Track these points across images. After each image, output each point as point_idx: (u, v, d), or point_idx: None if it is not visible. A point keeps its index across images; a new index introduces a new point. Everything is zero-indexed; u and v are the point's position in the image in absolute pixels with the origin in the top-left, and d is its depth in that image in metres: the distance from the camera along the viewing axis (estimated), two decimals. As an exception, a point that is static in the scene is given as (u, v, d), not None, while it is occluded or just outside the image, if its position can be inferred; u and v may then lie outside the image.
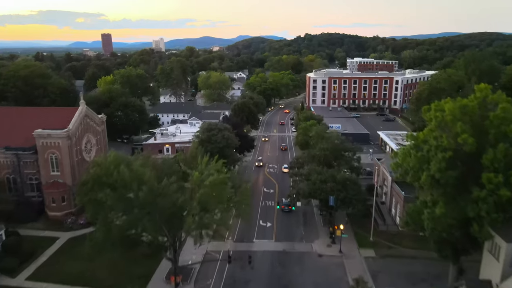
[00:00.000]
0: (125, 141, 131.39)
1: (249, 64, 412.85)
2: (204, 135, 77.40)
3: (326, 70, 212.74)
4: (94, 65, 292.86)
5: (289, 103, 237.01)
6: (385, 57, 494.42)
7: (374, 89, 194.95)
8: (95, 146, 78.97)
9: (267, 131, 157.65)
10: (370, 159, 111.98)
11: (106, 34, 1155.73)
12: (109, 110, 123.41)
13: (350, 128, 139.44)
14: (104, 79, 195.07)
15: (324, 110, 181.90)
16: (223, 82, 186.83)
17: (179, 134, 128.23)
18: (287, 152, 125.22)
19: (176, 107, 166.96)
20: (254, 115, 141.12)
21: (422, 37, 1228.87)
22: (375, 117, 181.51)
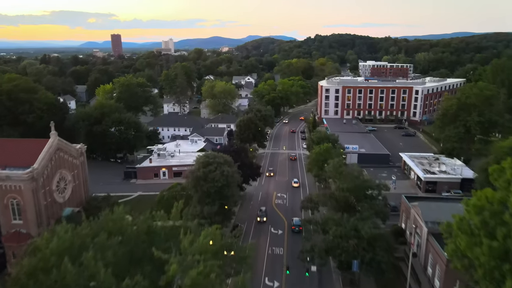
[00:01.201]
0: (119, 161, 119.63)
1: (258, 67, 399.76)
2: (200, 171, 64.76)
3: (339, 78, 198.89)
4: (97, 70, 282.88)
5: (299, 112, 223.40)
6: (399, 60, 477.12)
7: (392, 99, 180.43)
8: (72, 183, 66.84)
9: (275, 147, 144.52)
10: (393, 187, 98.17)
11: (115, 34, 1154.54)
12: (101, 127, 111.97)
13: (368, 147, 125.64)
14: (103, 87, 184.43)
15: (337, 122, 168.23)
16: (229, 92, 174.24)
17: (178, 155, 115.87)
18: (296, 166, 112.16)
19: (177, 120, 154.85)
20: (261, 132, 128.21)
21: (435, 37, 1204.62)
22: (393, 131, 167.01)
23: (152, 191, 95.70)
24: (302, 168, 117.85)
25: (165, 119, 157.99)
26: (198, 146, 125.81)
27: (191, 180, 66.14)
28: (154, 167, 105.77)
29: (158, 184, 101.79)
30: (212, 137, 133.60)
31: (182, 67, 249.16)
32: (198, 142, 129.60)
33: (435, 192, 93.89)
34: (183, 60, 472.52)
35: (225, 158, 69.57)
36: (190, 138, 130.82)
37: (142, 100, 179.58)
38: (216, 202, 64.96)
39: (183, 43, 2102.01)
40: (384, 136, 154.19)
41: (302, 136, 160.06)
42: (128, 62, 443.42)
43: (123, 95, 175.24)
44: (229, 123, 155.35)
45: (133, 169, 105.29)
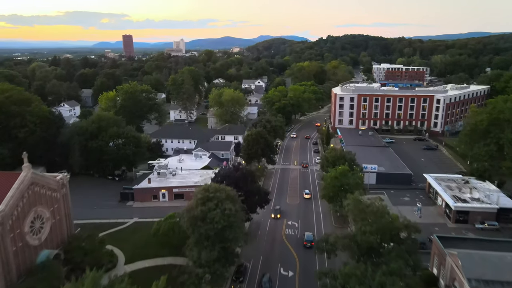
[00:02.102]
0: (116, 179, 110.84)
1: (268, 70, 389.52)
2: (197, 210, 55.26)
3: (354, 85, 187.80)
4: (104, 74, 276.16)
5: (311, 120, 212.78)
6: (414, 62, 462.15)
7: (411, 108, 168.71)
8: (50, 221, 57.89)
9: (286, 161, 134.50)
10: (418, 215, 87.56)
11: (127, 35, 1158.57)
12: (97, 143, 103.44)
13: (387, 165, 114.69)
14: (106, 95, 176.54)
15: (352, 134, 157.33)
16: (237, 100, 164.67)
17: (180, 173, 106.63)
18: (308, 181, 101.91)
19: (181, 131, 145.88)
20: (271, 147, 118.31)
21: (449, 37, 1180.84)
22: (413, 143, 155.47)
23: (149, 217, 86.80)
24: (315, 188, 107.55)
25: (169, 130, 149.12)
26: (202, 162, 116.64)
27: (187, 220, 56.59)
28: (153, 188, 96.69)
29: (157, 208, 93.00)
30: (217, 152, 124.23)
31: (189, 72, 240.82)
32: (203, 157, 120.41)
33: (467, 222, 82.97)
34: (192, 62, 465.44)
35: (228, 192, 59.84)
36: (194, 153, 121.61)
37: (146, 108, 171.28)
38: (216, 246, 55.40)
39: (194, 43, 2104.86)
40: (403, 150, 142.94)
41: (315, 149, 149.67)
42: (137, 64, 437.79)
43: (127, 103, 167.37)
44: (237, 135, 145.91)
45: (130, 190, 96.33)
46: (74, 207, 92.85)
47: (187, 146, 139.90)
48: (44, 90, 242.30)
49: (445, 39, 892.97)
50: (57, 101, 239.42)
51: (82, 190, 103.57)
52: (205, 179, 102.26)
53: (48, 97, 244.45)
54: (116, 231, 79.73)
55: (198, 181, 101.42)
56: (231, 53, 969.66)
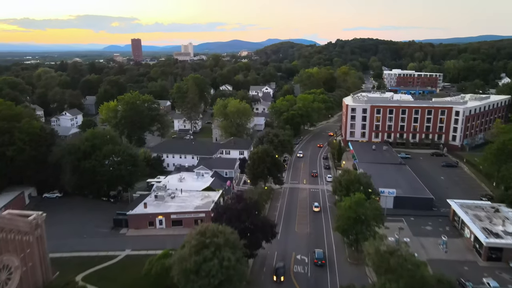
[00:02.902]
0: (111, 200, 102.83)
1: (276, 76, 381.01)
2: (191, 261, 46.80)
3: (366, 94, 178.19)
4: (107, 82, 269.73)
5: (320, 131, 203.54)
6: (426, 68, 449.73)
7: (428, 121, 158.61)
8: (19, 269, 49.72)
9: (295, 180, 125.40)
10: (444, 251, 77.98)
11: (135, 39, 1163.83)
12: (90, 163, 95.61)
13: (405, 186, 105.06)
14: (106, 105, 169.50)
15: (365, 148, 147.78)
16: (243, 112, 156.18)
17: (180, 195, 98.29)
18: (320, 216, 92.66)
19: (183, 146, 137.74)
20: (278, 165, 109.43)
21: (460, 40, 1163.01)
22: (430, 159, 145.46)
23: (144, 249, 78.68)
24: (326, 213, 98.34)
25: (170, 144, 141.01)
26: (204, 181, 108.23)
27: (178, 272, 48.04)
28: (149, 214, 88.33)
29: (152, 238, 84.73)
30: (221, 170, 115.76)
31: (194, 79, 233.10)
32: (205, 176, 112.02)
33: (501, 260, 73.14)
34: (199, 68, 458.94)
35: (227, 236, 51.25)
36: (196, 171, 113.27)
37: (148, 119, 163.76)
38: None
39: (203, 47, 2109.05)
40: (420, 167, 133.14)
41: (325, 164, 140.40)
42: (143, 70, 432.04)
43: (128, 114, 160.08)
44: (242, 149, 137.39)
45: (124, 216, 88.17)
46: (63, 235, 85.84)
47: (189, 162, 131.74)
48: (47, 98, 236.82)
49: (456, 43, 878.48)
50: (59, 109, 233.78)
51: (74, 213, 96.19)
52: (206, 203, 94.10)
53: (51, 105, 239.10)
54: (105, 268, 71.46)
55: (199, 205, 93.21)
56: (239, 57, 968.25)
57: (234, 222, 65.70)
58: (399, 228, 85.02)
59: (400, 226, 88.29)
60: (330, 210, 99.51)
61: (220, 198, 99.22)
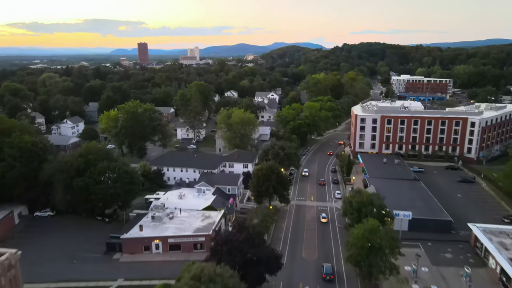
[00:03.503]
0: (106, 220, 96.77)
1: (282, 82, 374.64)
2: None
3: (376, 104, 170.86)
4: (110, 88, 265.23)
5: (328, 140, 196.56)
6: (435, 73, 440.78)
7: (442, 132, 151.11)
8: (-12, 319, 43.57)
9: (301, 196, 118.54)
10: (467, 284, 70.50)
11: (142, 43, 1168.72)
12: (83, 181, 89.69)
13: (420, 206, 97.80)
14: (107, 114, 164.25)
15: (375, 161, 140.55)
16: (248, 122, 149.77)
17: (179, 215, 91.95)
18: (329, 240, 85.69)
19: (185, 159, 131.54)
20: (284, 183, 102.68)
21: (468, 44, 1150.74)
22: (445, 173, 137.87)
23: (138, 278, 72.60)
24: (335, 236, 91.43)
25: (171, 157, 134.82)
26: (205, 199, 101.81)
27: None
28: (145, 238, 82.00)
29: (148, 264, 78.38)
30: (224, 187, 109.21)
31: (198, 86, 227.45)
32: (207, 192, 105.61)
33: (531, 296, 65.72)
34: (205, 73, 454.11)
35: (226, 279, 44.74)
36: (197, 187, 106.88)
37: (149, 129, 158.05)
38: None
39: (209, 50, 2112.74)
40: (435, 182, 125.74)
41: (334, 179, 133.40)
42: (148, 75, 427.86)
43: (128, 123, 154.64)
44: (247, 163, 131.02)
45: (117, 240, 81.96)
46: (52, 259, 79.88)
47: (190, 176, 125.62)
48: (48, 105, 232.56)
49: (463, 47, 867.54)
50: (60, 116, 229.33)
51: (65, 234, 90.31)
52: (207, 225, 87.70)
53: (52, 112, 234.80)
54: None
55: (199, 227, 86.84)
56: (245, 61, 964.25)
57: (235, 255, 59.36)
58: (416, 256, 78.01)
59: (416, 252, 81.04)
60: (340, 232, 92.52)
61: (222, 218, 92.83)
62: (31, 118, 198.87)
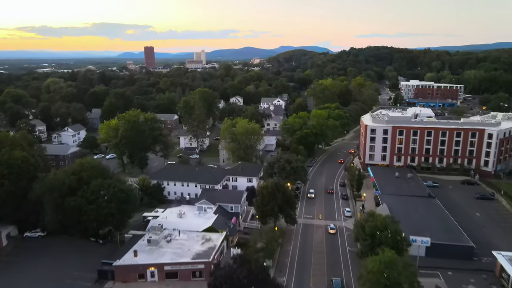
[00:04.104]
0: (100, 242, 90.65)
1: (288, 88, 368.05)
2: None
3: (387, 114, 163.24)
4: (113, 94, 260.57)
5: (336, 150, 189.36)
6: (444, 78, 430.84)
7: (457, 144, 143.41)
8: None
9: (309, 214, 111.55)
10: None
11: (148, 47, 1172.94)
12: (75, 201, 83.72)
13: (439, 229, 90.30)
14: (106, 123, 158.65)
15: (387, 175, 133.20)
16: (252, 132, 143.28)
17: (177, 238, 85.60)
18: (340, 268, 78.62)
19: (186, 173, 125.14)
20: (291, 202, 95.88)
21: (476, 48, 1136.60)
22: (461, 189, 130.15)
23: (129, 311, 65.90)
24: (346, 264, 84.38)
25: (172, 170, 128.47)
26: (206, 218, 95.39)
27: None
28: (139, 265, 75.65)
29: (142, 294, 71.98)
30: (226, 205, 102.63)
31: (202, 93, 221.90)
32: (208, 211, 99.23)
33: None
34: (210, 78, 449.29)
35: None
36: (198, 205, 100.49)
37: (150, 139, 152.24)
38: None
39: (215, 54, 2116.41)
40: (450, 199, 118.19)
41: (343, 194, 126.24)
42: (154, 79, 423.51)
43: (128, 133, 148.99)
44: (251, 177, 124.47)
45: (109, 267, 75.72)
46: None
47: (192, 191, 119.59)
48: (50, 112, 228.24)
49: (472, 50, 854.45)
50: (62, 123, 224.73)
51: (56, 258, 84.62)
52: (207, 250, 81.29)
53: (54, 119, 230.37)
54: None
55: (199, 251, 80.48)
56: (251, 65, 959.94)
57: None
58: (436, 287, 71.09)
59: (436, 283, 74.20)
60: (351, 258, 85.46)
61: (224, 242, 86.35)
62: (31, 126, 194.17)
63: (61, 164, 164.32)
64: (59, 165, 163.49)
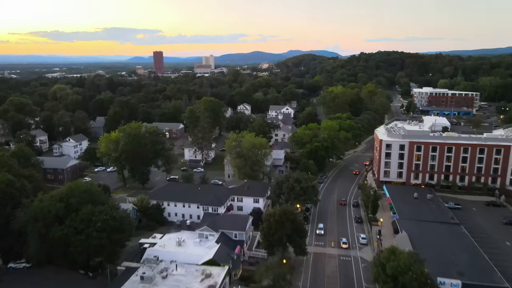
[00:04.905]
0: (90, 274, 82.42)
1: (298, 95, 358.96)
2: None
3: (403, 127, 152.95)
4: (118, 103, 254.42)
5: (348, 164, 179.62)
6: (458, 84, 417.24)
7: (480, 161, 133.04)
8: None
9: (320, 240, 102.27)
10: None
11: (157, 52, 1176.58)
12: (62, 231, 75.70)
13: (467, 265, 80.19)
14: (107, 136, 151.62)
15: (405, 195, 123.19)
16: (259, 147, 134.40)
17: (174, 273, 76.93)
18: None
19: (188, 193, 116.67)
20: (300, 230, 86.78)
21: (489, 52, 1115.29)
22: (486, 211, 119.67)
23: None
24: None
25: (172, 190, 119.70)
26: (208, 247, 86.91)
27: None
28: (130, 309, 67.16)
29: None
30: (230, 232, 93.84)
31: (208, 103, 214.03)
32: (210, 238, 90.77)
33: None
34: (218, 84, 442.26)
35: None
36: (199, 232, 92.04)
37: (151, 153, 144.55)
38: None
39: (224, 58, 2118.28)
40: (476, 225, 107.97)
41: (357, 217, 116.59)
42: (161, 86, 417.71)
43: (129, 147, 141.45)
44: (258, 197, 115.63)
45: (97, 310, 67.40)
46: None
47: (193, 213, 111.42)
48: (52, 121, 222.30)
49: (485, 54, 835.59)
50: (62, 134, 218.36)
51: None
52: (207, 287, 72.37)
53: (56, 129, 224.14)
54: None
55: (197, 290, 71.67)
56: (260, 69, 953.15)
57: None
58: None
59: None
60: (369, 297, 76.09)
61: (226, 277, 77.49)
62: (31, 137, 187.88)
63: (60, 178, 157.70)
64: (57, 179, 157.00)
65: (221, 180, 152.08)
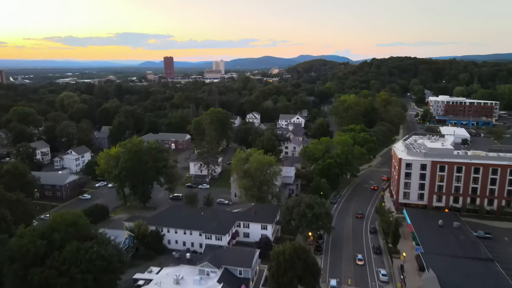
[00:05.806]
0: (76, 320, 72.98)
1: (308, 104, 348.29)
2: None
3: (424, 144, 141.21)
4: (123, 112, 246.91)
5: (362, 181, 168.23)
6: (475, 92, 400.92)
7: (510, 183, 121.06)
8: None
9: (334, 277, 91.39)
10: None
11: (168, 57, 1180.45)
12: (43, 273, 66.44)
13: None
14: (107, 152, 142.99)
15: (428, 222, 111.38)
16: (267, 166, 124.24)
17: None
18: None
19: (189, 219, 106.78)
20: (314, 271, 76.31)
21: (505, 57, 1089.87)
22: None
23: None
24: None
25: (173, 215, 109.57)
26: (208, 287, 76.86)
27: None
28: None
29: None
30: (234, 268, 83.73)
31: (215, 114, 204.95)
32: (211, 275, 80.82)
33: None
34: (227, 91, 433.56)
35: None
36: (200, 268, 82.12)
37: (153, 172, 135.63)
38: None
39: (234, 63, 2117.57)
40: (508, 257, 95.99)
41: (375, 247, 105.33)
42: (169, 93, 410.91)
43: (129, 164, 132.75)
44: (266, 223, 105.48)
45: None
46: None
47: (195, 240, 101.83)
48: (54, 132, 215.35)
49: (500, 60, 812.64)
50: (65, 145, 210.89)
51: None
52: None
53: (58, 140, 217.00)
54: None
55: None
56: (270, 75, 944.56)
57: None
58: None
59: None
60: None
61: (227, 328, 67.46)
62: (31, 149, 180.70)
63: (58, 195, 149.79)
64: (56, 196, 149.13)
65: (227, 199, 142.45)
